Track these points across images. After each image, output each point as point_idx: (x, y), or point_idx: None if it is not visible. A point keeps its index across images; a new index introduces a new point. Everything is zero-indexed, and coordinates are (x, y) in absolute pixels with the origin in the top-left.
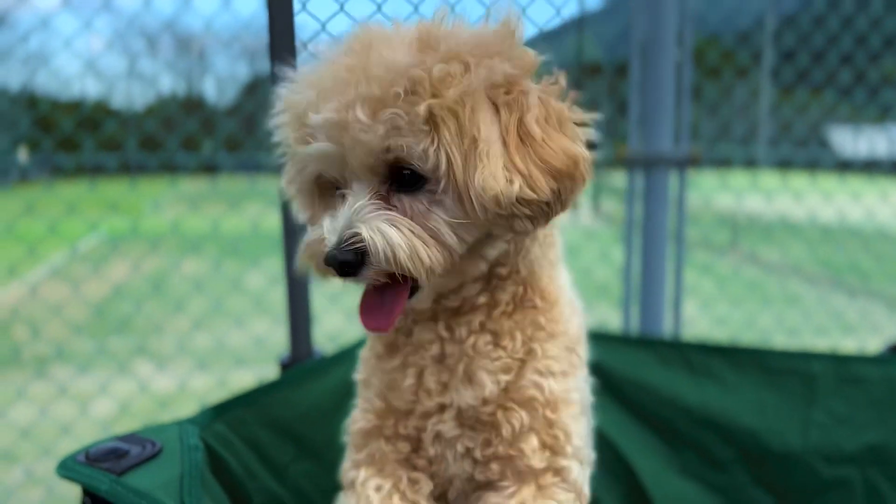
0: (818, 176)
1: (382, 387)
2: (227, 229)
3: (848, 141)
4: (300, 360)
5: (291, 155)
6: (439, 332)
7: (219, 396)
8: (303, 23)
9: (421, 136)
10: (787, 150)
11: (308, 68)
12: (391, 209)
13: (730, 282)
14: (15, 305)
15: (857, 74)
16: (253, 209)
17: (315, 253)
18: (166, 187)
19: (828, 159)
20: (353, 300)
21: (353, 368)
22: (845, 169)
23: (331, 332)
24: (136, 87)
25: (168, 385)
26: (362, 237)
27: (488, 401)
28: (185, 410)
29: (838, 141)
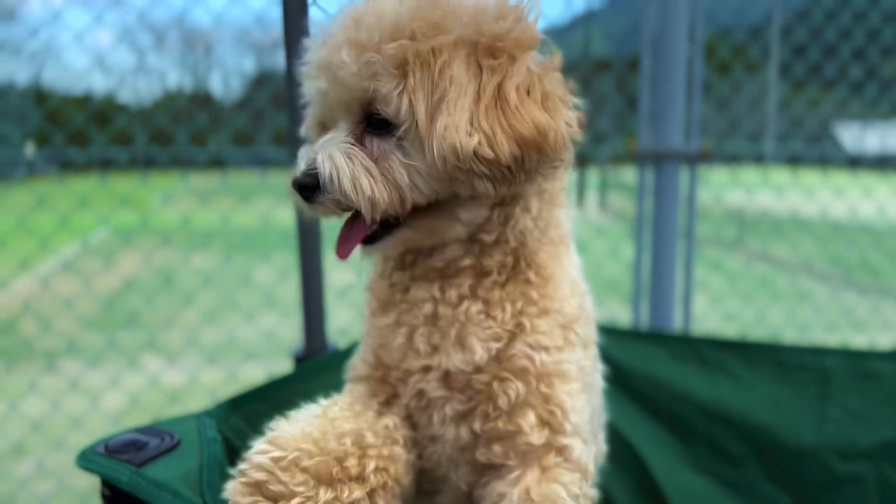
0: (826, 172)
1: (374, 344)
2: (237, 224)
3: (856, 137)
4: (314, 353)
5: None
6: (433, 293)
7: (229, 390)
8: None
9: (390, 79)
10: (795, 147)
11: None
12: (361, 148)
13: (739, 278)
14: (27, 299)
15: (869, 70)
16: (263, 204)
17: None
18: (177, 182)
19: (838, 156)
20: (361, 295)
21: None
22: (856, 165)
23: (341, 327)
24: (143, 81)
25: (178, 379)
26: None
27: (480, 368)
28: (196, 404)
29: (846, 137)
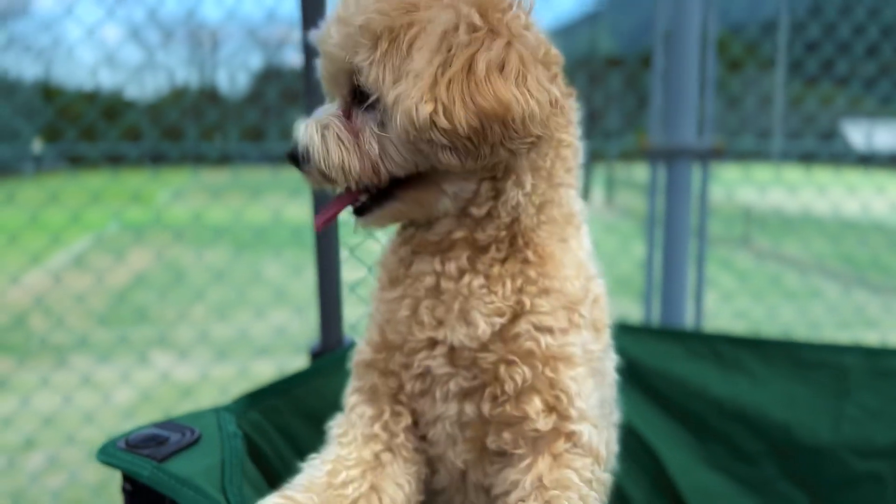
0: (837, 170)
1: (381, 319)
2: (248, 220)
3: (862, 135)
4: (330, 349)
5: None
6: (434, 266)
7: (240, 386)
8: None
9: (365, 51)
10: (803, 144)
11: None
12: (346, 120)
13: (749, 276)
14: (38, 294)
15: (883, 67)
16: (274, 200)
17: None
18: (187, 178)
19: (848, 153)
20: (368, 291)
21: None
22: (868, 163)
23: (351, 323)
24: (150, 77)
25: (189, 374)
26: None
27: (486, 346)
28: (207, 399)
29: (854, 135)
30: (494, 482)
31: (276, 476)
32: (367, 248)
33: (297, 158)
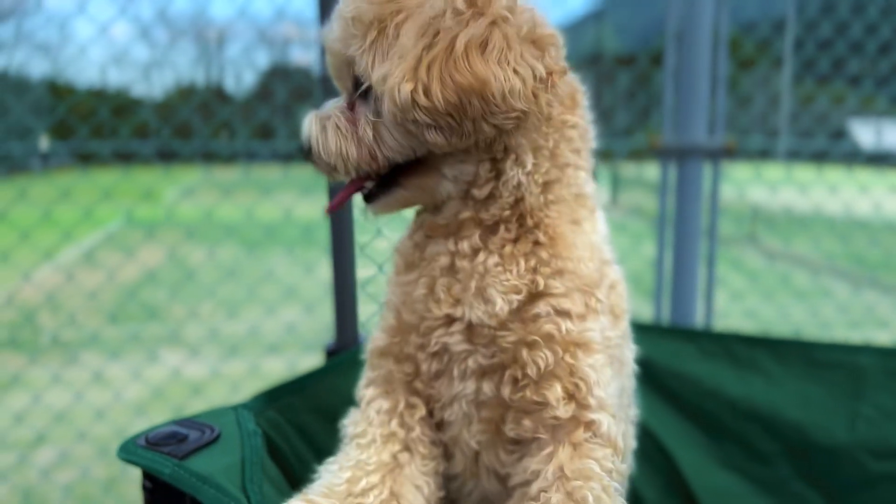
0: (836, 169)
1: (398, 302)
2: (259, 217)
3: (870, 134)
4: (346, 347)
5: None
6: (448, 247)
7: (251, 383)
8: None
9: (357, 41)
10: (809, 143)
11: None
12: (349, 111)
13: (758, 275)
14: (50, 291)
15: (894, 66)
16: (285, 198)
17: None
18: (198, 175)
19: (857, 153)
20: (382, 288)
21: None
22: (879, 162)
23: (361, 320)
24: (156, 75)
25: (200, 371)
26: None
27: (504, 324)
28: (217, 396)
29: (860, 134)
30: (513, 472)
31: (292, 473)
32: (376, 246)
33: (304, 150)
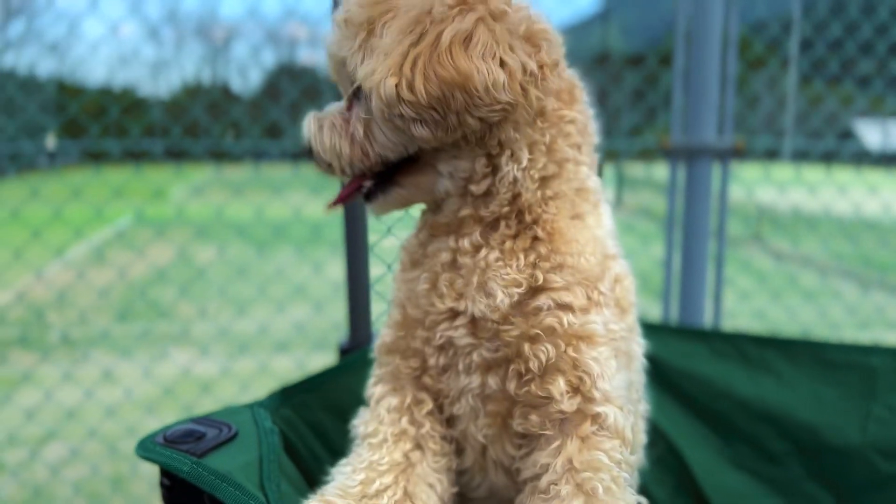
0: (843, 169)
1: (403, 297)
2: (269, 216)
3: (876, 135)
4: (359, 345)
5: None
6: (449, 243)
7: (260, 381)
8: None
9: (349, 43)
10: (815, 143)
11: None
12: (346, 112)
13: (769, 276)
14: (61, 289)
15: None
16: (296, 197)
17: None
18: (208, 174)
19: (864, 153)
20: (386, 287)
21: None
22: (888, 163)
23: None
24: (162, 74)
25: (210, 370)
26: None
27: (507, 318)
28: (227, 394)
29: (866, 135)
30: (522, 466)
31: (306, 471)
32: (385, 245)
33: (307, 150)
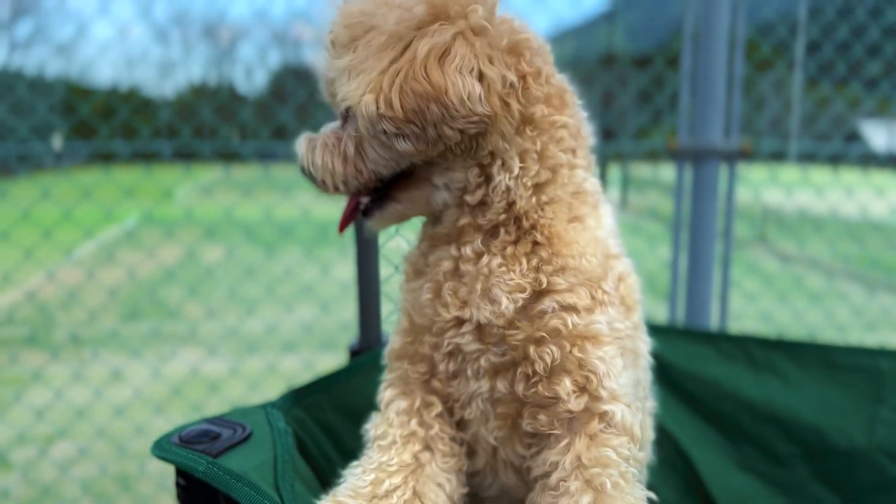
0: (850, 171)
1: (408, 306)
2: (277, 217)
3: (882, 136)
4: (369, 346)
5: None
6: (450, 252)
7: (268, 381)
8: None
9: (336, 63)
10: (820, 145)
11: None
12: (341, 131)
13: (775, 278)
14: (71, 288)
15: None
16: (304, 197)
17: None
18: (216, 174)
19: (870, 154)
20: (392, 288)
21: None
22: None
23: None
24: (167, 74)
25: (218, 369)
26: None
27: (512, 322)
28: (235, 394)
29: (872, 136)
30: (532, 465)
31: (318, 471)
32: (392, 246)
33: (301, 169)
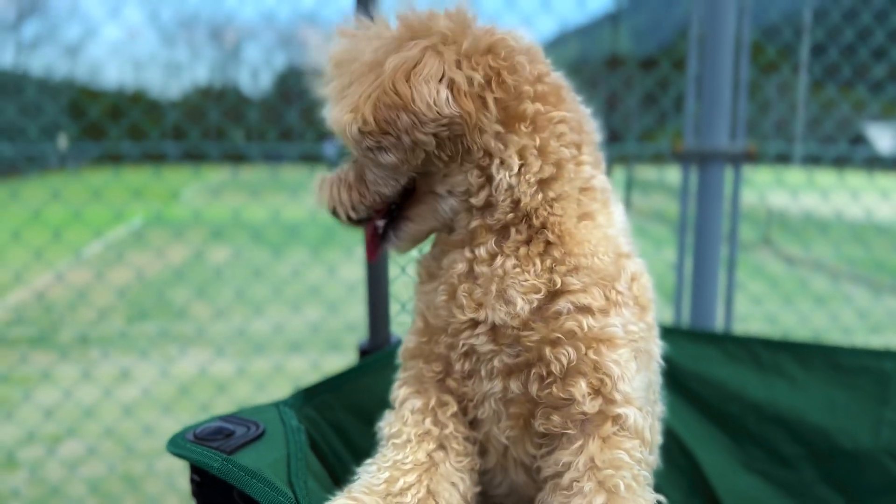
0: (855, 173)
1: (423, 307)
2: (285, 218)
3: (888, 138)
4: (379, 346)
5: None
6: (465, 254)
7: (275, 381)
8: None
9: (329, 97)
10: (824, 147)
11: None
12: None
13: (780, 280)
14: (80, 287)
15: None
16: (311, 199)
17: None
18: (225, 175)
19: (875, 156)
20: (403, 289)
21: None
22: None
23: None
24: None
25: (226, 369)
26: None
27: (527, 324)
28: (243, 394)
29: (878, 139)
30: (543, 464)
31: (329, 469)
32: None
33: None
